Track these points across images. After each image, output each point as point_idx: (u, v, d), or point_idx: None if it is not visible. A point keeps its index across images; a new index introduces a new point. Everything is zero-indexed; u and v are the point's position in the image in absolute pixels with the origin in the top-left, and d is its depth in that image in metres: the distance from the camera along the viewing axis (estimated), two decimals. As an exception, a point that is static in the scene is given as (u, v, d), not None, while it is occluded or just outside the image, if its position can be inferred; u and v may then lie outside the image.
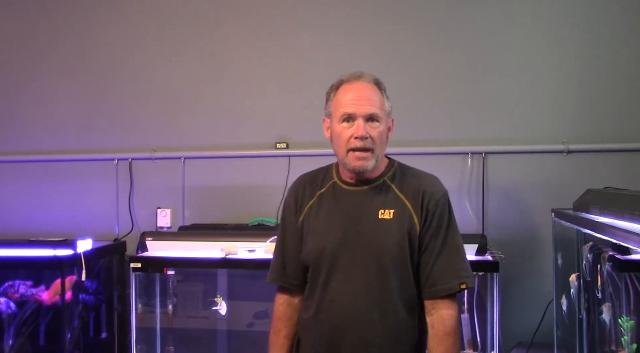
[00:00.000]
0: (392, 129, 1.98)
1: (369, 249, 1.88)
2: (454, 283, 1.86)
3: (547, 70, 3.12)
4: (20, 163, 3.60)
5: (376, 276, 1.87)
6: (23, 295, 3.04)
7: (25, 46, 3.62)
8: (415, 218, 1.88)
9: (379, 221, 1.88)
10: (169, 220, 3.41)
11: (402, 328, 1.89)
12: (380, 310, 1.87)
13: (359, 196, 1.94)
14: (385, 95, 1.95)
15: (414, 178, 1.96)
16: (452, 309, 1.87)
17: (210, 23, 3.44)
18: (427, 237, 1.88)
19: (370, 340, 1.87)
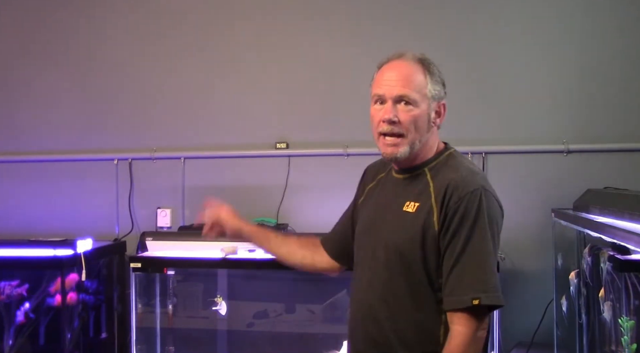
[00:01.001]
0: (443, 115, 1.79)
1: (386, 242, 1.75)
2: (465, 296, 1.61)
3: (547, 70, 3.12)
4: (20, 163, 3.59)
5: (388, 272, 1.73)
6: (9, 296, 3.03)
7: (25, 46, 3.62)
8: (434, 215, 1.68)
9: (403, 213, 1.73)
10: (169, 220, 3.41)
11: (418, 333, 1.71)
12: (389, 308, 1.73)
13: (397, 185, 1.82)
14: (430, 76, 1.79)
15: (451, 170, 1.75)
16: (465, 327, 1.62)
17: (210, 24, 3.43)
18: (447, 238, 1.66)
19: (377, 338, 1.76)
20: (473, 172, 1.76)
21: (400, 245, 1.72)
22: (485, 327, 1.65)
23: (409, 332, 1.72)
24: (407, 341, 1.72)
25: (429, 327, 1.70)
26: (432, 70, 1.80)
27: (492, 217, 1.70)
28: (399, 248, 1.72)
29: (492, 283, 1.63)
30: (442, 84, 1.81)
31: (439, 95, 1.79)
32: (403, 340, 1.72)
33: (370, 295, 1.77)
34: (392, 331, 1.73)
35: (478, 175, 1.77)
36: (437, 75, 1.82)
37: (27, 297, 3.06)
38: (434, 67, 1.81)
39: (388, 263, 1.74)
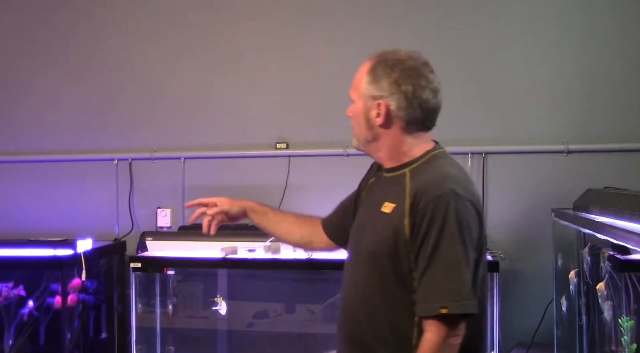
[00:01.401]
0: (381, 115, 1.76)
1: (363, 243, 1.77)
2: (434, 305, 1.60)
3: (547, 70, 3.12)
4: (20, 163, 3.59)
5: (366, 271, 1.75)
6: (7, 297, 3.03)
7: (25, 46, 3.62)
8: (406, 219, 1.67)
9: (380, 214, 1.74)
10: (169, 220, 3.41)
11: (393, 334, 1.71)
12: (366, 309, 1.74)
13: (381, 184, 1.84)
14: (371, 75, 1.80)
15: (427, 173, 1.73)
16: (435, 334, 1.60)
17: (211, 24, 3.43)
18: (418, 244, 1.64)
19: (354, 336, 1.78)
20: (445, 176, 1.71)
21: (373, 246, 1.72)
22: (458, 333, 1.62)
23: (385, 332, 1.71)
24: (385, 341, 1.71)
25: (403, 329, 1.69)
26: (376, 69, 1.81)
27: (463, 221, 1.64)
28: (372, 249, 1.73)
29: (461, 291, 1.60)
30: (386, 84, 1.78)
31: (376, 94, 1.78)
32: (381, 340, 1.72)
33: (351, 295, 1.79)
34: (371, 331, 1.73)
35: (450, 178, 1.70)
36: (381, 74, 1.80)
37: (30, 296, 3.06)
38: (383, 66, 1.81)
39: (364, 264, 1.75)
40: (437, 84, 1.85)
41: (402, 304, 1.68)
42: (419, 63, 1.84)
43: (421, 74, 1.81)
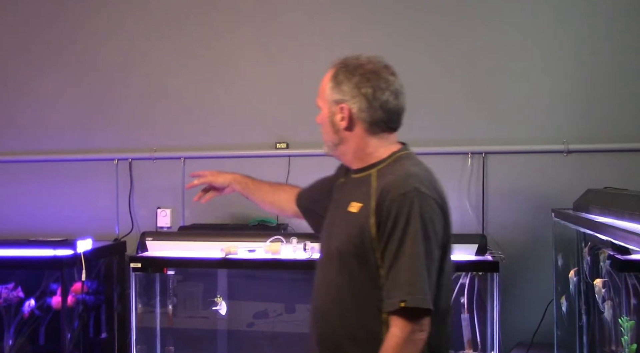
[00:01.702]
0: (345, 119, 1.84)
1: (332, 242, 1.83)
2: (395, 299, 1.65)
3: (547, 70, 3.12)
4: (20, 163, 3.60)
5: (336, 271, 1.80)
6: (6, 299, 3.03)
7: (25, 46, 3.62)
8: (372, 218, 1.73)
9: (347, 213, 1.80)
10: (169, 220, 3.41)
11: (362, 330, 1.76)
12: (337, 307, 1.80)
13: (347, 185, 1.91)
14: (334, 81, 1.86)
15: (391, 173, 1.79)
16: (398, 328, 1.65)
17: (211, 24, 3.44)
18: (383, 242, 1.70)
19: (326, 334, 1.83)
20: (409, 175, 1.76)
21: (341, 245, 1.78)
22: (423, 329, 1.66)
23: (355, 330, 1.77)
24: (356, 339, 1.77)
25: (372, 326, 1.74)
26: (337, 75, 1.86)
27: (426, 218, 1.69)
28: (340, 248, 1.79)
29: (418, 287, 1.65)
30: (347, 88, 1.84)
31: (339, 98, 1.84)
32: (352, 338, 1.77)
33: (322, 294, 1.85)
34: (341, 329, 1.78)
35: (414, 177, 1.76)
36: (342, 79, 1.85)
37: (32, 295, 3.06)
38: (343, 72, 1.85)
39: (333, 263, 1.81)
40: (398, 86, 1.90)
41: (371, 302, 1.73)
42: (379, 66, 1.87)
43: (381, 76, 1.85)
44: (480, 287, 2.85)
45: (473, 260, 2.82)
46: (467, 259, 2.82)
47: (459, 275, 2.85)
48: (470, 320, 2.86)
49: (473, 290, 2.86)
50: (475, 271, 2.81)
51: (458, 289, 2.87)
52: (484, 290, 2.83)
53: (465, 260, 2.81)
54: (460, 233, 2.98)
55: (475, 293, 2.86)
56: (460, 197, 3.15)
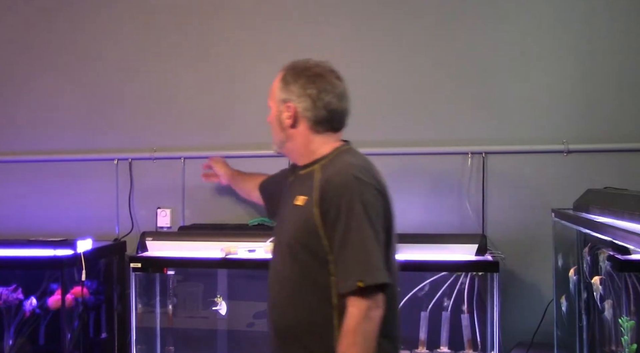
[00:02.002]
0: (291, 117, 2.00)
1: (281, 234, 1.99)
2: (350, 281, 1.78)
3: (547, 69, 3.12)
4: (20, 163, 3.59)
5: (286, 261, 1.94)
6: (6, 301, 3.03)
7: (25, 46, 3.61)
8: (315, 208, 1.86)
9: (293, 207, 1.95)
10: (169, 220, 3.41)
11: (315, 318, 1.88)
12: (289, 294, 1.92)
13: (295, 181, 2.06)
14: (282, 82, 2.03)
15: (332, 166, 1.93)
16: (356, 308, 1.77)
17: (211, 24, 3.44)
18: (330, 230, 1.83)
19: (281, 324, 1.95)
20: (349, 165, 1.90)
21: (289, 236, 1.93)
22: (379, 305, 1.79)
23: (308, 317, 1.89)
24: (309, 325, 1.89)
25: (324, 312, 1.86)
26: (286, 76, 2.03)
27: (367, 202, 1.82)
28: (289, 240, 1.93)
29: (372, 264, 1.79)
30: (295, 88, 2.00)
31: (286, 97, 2.01)
32: (305, 324, 1.90)
33: (276, 286, 1.98)
34: (295, 317, 1.91)
35: (354, 167, 1.89)
36: (290, 80, 2.02)
37: (32, 295, 3.06)
38: (291, 73, 2.02)
39: (284, 255, 1.95)
40: (342, 90, 2.05)
41: (322, 289, 1.86)
42: (325, 70, 2.03)
43: (326, 80, 2.01)
44: (480, 287, 2.85)
45: (473, 260, 2.82)
46: (467, 259, 2.82)
47: (459, 275, 2.86)
48: (470, 320, 2.86)
49: (473, 290, 2.86)
50: (475, 271, 2.81)
51: (458, 289, 2.87)
52: (484, 290, 2.83)
53: (465, 260, 2.81)
54: (460, 234, 3.00)
55: (475, 293, 2.86)
56: (460, 197, 3.15)
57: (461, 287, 2.86)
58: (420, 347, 2.88)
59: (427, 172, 3.18)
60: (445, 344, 2.88)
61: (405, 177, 3.19)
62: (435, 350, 2.89)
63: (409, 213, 3.14)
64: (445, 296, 2.89)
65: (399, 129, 3.23)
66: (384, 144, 3.21)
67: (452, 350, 2.89)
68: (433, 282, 2.89)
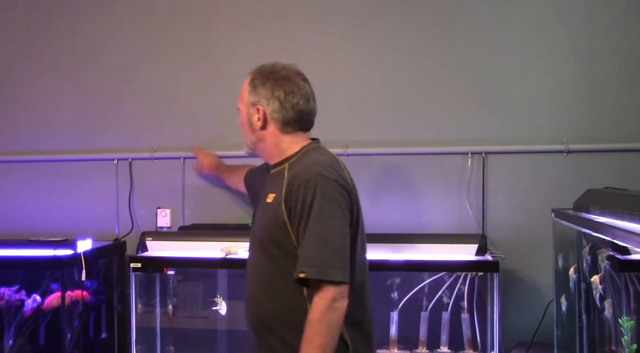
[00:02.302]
0: (261, 119, 2.10)
1: (254, 230, 2.09)
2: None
3: (548, 69, 3.12)
4: (20, 163, 3.59)
5: (259, 256, 2.05)
6: (8, 301, 3.03)
7: (25, 46, 3.61)
8: (283, 204, 1.96)
9: (265, 204, 2.05)
10: (169, 220, 3.41)
11: (289, 310, 1.98)
12: (264, 288, 2.03)
13: (267, 180, 2.15)
14: (251, 85, 2.12)
15: (299, 164, 2.03)
16: (318, 298, 1.86)
17: (210, 23, 3.43)
18: (295, 224, 1.93)
19: (257, 317, 2.05)
20: (315, 162, 1.99)
21: (260, 232, 2.04)
22: (341, 297, 1.86)
23: (284, 309, 1.99)
24: (285, 317, 1.99)
25: (298, 303, 1.95)
26: (254, 78, 2.12)
27: (330, 198, 1.91)
28: (260, 236, 2.04)
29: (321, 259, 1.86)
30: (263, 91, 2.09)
31: (255, 100, 2.10)
32: (281, 316, 1.99)
33: (253, 280, 2.09)
34: (272, 310, 2.01)
35: (319, 164, 1.98)
36: (258, 84, 2.10)
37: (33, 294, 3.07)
38: (259, 76, 2.11)
39: (258, 250, 2.06)
40: (308, 91, 2.13)
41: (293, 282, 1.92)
42: (291, 73, 2.12)
43: (293, 82, 2.09)
44: (480, 287, 2.85)
45: (473, 260, 2.82)
46: (467, 259, 2.82)
47: (459, 275, 2.86)
48: (470, 320, 2.86)
49: (473, 290, 2.86)
50: (475, 271, 2.81)
51: (458, 289, 2.87)
52: (484, 290, 2.83)
53: (465, 260, 2.81)
54: (460, 234, 3.01)
55: (475, 293, 2.86)
56: (460, 197, 3.15)
57: (461, 287, 2.87)
58: (420, 347, 2.88)
59: (427, 172, 3.18)
60: (445, 344, 2.89)
61: (405, 177, 3.20)
62: (435, 350, 2.89)
63: (409, 213, 3.15)
64: (445, 296, 2.89)
65: (399, 129, 3.23)
66: (384, 144, 3.21)
67: (452, 350, 2.89)
68: (433, 282, 2.89)
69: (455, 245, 2.88)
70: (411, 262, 2.76)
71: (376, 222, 2.75)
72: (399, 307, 2.90)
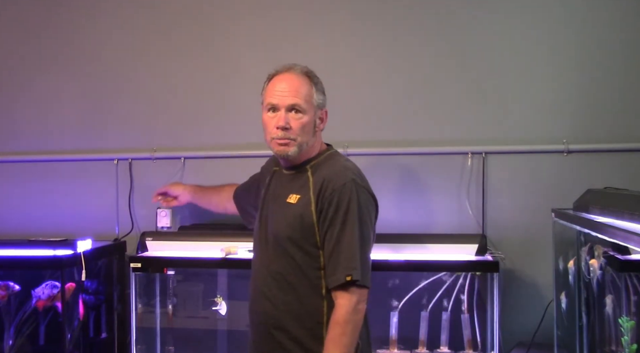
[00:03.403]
0: (324, 120, 2.12)
1: (271, 229, 2.08)
2: (341, 275, 1.93)
3: (548, 69, 3.12)
4: (20, 163, 3.59)
5: (275, 254, 2.05)
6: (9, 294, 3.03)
7: (25, 46, 3.61)
8: (312, 206, 1.99)
9: (285, 204, 2.06)
10: (169, 220, 3.40)
11: (303, 307, 2.01)
12: (278, 285, 2.04)
13: (284, 180, 2.14)
14: (315, 87, 2.09)
15: (327, 167, 2.05)
16: (346, 300, 1.93)
17: (210, 23, 3.44)
18: (325, 226, 1.97)
19: (268, 312, 2.05)
20: (346, 168, 2.04)
21: (282, 231, 2.04)
22: (364, 299, 1.96)
23: (296, 306, 2.01)
24: (298, 317, 2.01)
25: (313, 302, 2.00)
26: (316, 81, 2.11)
27: (363, 205, 1.98)
28: (281, 234, 2.04)
29: (360, 262, 1.93)
30: (324, 94, 2.13)
31: (323, 103, 2.11)
32: (294, 316, 2.02)
33: (263, 275, 2.09)
34: (285, 309, 2.03)
35: (350, 170, 2.04)
36: (320, 86, 2.12)
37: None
38: (317, 79, 2.12)
39: (274, 248, 2.06)
40: None
41: (311, 281, 1.99)
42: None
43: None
44: (480, 287, 2.85)
45: (473, 260, 2.82)
46: (467, 259, 2.82)
47: (458, 275, 2.86)
48: (470, 320, 2.86)
49: (473, 290, 2.86)
50: (475, 271, 2.81)
51: (458, 289, 2.87)
52: (484, 290, 2.83)
53: (465, 260, 2.81)
54: (460, 234, 3.01)
55: (475, 293, 2.86)
56: (460, 197, 3.15)
57: (461, 286, 2.87)
58: (420, 347, 2.88)
59: (427, 172, 3.18)
60: (445, 344, 2.89)
61: (405, 177, 3.20)
62: (435, 350, 2.89)
63: (409, 213, 3.15)
64: (445, 296, 2.89)
65: (399, 128, 3.23)
66: (384, 144, 3.21)
67: (452, 350, 2.89)
68: (433, 282, 2.89)
69: (455, 245, 2.88)
70: (411, 262, 2.76)
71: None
72: (399, 307, 2.90)
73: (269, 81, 2.19)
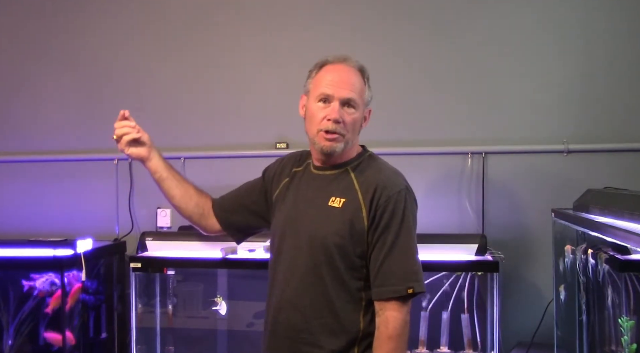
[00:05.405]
0: (367, 120, 1.95)
1: (310, 234, 1.86)
2: (401, 286, 1.80)
3: (548, 70, 3.12)
4: (20, 163, 3.60)
5: (312, 262, 1.85)
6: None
7: (23, 45, 3.62)
8: (363, 212, 1.83)
9: (328, 208, 1.86)
10: (169, 220, 3.41)
11: (338, 321, 1.83)
12: (312, 296, 1.85)
13: (320, 181, 1.94)
14: (367, 84, 1.92)
15: (375, 171, 1.90)
16: (399, 312, 1.81)
17: (210, 22, 3.44)
18: (377, 234, 1.82)
19: (298, 325, 1.86)
20: (396, 173, 1.92)
21: (326, 236, 1.83)
22: (409, 310, 1.85)
23: (330, 319, 1.83)
24: (330, 327, 1.84)
25: (350, 313, 1.84)
26: (368, 77, 1.94)
27: (414, 214, 1.87)
28: (324, 240, 1.83)
29: (420, 274, 1.83)
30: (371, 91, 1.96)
31: (370, 101, 1.95)
32: (325, 326, 1.84)
33: (294, 283, 1.87)
34: (315, 319, 1.84)
35: (401, 176, 1.92)
36: (369, 84, 1.95)
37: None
38: (368, 75, 1.94)
39: (312, 254, 1.85)
40: None
41: (351, 293, 1.83)
42: None
43: None
44: (480, 287, 2.85)
45: (473, 260, 2.82)
46: (467, 259, 2.82)
47: (459, 275, 2.86)
48: (470, 320, 2.86)
49: (473, 290, 2.86)
50: (475, 271, 2.81)
51: (458, 289, 2.87)
52: (484, 290, 2.83)
53: (465, 260, 2.81)
54: (460, 234, 3.01)
55: (475, 293, 2.86)
56: (460, 197, 3.15)
57: (461, 286, 2.86)
58: (420, 347, 2.88)
59: (427, 172, 3.18)
60: (445, 344, 2.88)
61: (405, 177, 3.19)
62: (435, 350, 2.89)
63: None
64: (445, 296, 2.89)
65: (399, 129, 3.23)
66: (384, 144, 3.21)
67: (452, 350, 2.88)
68: (433, 282, 2.89)
69: (455, 245, 2.88)
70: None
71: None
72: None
73: (320, 69, 1.96)
